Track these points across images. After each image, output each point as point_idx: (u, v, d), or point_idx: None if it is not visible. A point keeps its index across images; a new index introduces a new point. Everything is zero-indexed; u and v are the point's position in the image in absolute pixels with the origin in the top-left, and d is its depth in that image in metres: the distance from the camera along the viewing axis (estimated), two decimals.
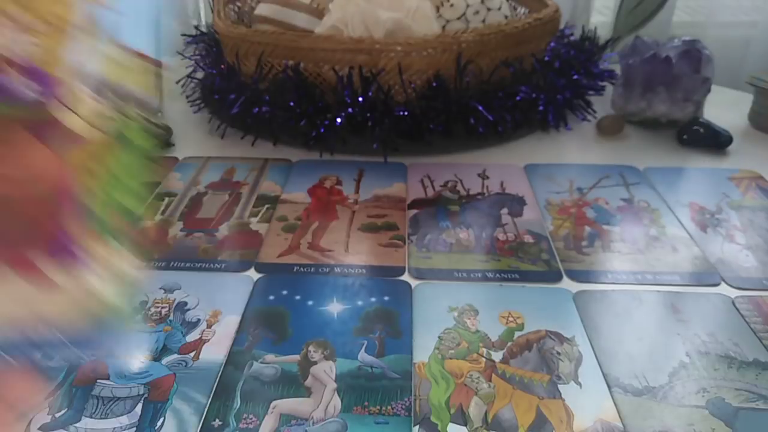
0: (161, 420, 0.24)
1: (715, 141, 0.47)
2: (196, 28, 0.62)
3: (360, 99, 0.44)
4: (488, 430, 0.24)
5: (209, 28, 0.61)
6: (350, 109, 0.44)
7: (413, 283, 0.32)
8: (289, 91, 0.45)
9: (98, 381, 0.26)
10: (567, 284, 0.32)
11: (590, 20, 0.81)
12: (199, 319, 0.29)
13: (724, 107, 0.53)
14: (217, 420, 0.24)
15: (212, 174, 0.44)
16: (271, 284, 0.32)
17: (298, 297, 0.31)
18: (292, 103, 0.45)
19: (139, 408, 0.24)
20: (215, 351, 0.27)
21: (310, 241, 0.36)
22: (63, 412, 0.24)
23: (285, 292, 0.31)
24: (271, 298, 0.31)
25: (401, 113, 0.44)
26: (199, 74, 0.55)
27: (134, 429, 0.24)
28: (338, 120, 0.44)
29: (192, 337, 0.28)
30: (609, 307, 0.30)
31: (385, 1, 0.45)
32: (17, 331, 0.13)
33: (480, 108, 0.45)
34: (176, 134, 0.50)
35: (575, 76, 0.52)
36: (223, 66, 0.51)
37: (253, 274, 0.33)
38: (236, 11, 0.59)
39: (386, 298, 0.31)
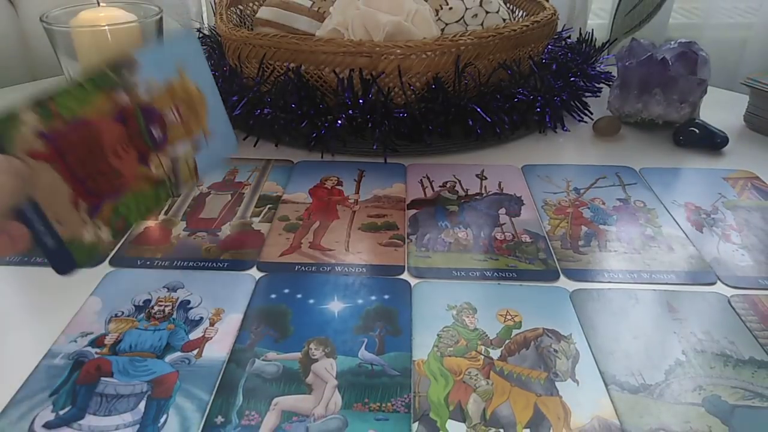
0: (164, 417, 0.24)
1: (710, 142, 0.48)
2: (199, 30, 0.62)
3: (360, 101, 0.44)
4: (486, 427, 0.24)
5: (211, 30, 0.61)
6: (351, 111, 0.44)
7: (413, 281, 0.32)
8: (291, 93, 0.45)
9: (102, 378, 0.26)
10: (564, 283, 0.32)
11: (587, 23, 0.82)
12: (201, 318, 0.30)
13: (720, 108, 0.54)
14: (219, 417, 0.24)
15: (215, 174, 0.44)
16: (272, 283, 0.32)
17: (299, 295, 0.31)
18: (293, 105, 0.45)
19: (142, 405, 0.25)
20: (218, 349, 0.28)
21: (311, 240, 0.36)
22: (67, 409, 0.25)
23: (286, 291, 0.31)
24: (273, 296, 0.31)
25: (401, 115, 0.45)
26: None
27: (137, 426, 0.24)
28: (339, 122, 0.45)
29: (195, 335, 0.29)
30: (605, 305, 0.31)
31: (384, 5, 0.46)
32: (42, 214, 0.24)
33: (478, 110, 0.46)
34: None
35: (572, 78, 0.53)
36: (225, 68, 0.51)
37: (255, 273, 0.33)
38: (238, 14, 0.60)
39: (386, 296, 0.31)
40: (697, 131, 0.48)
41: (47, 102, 0.23)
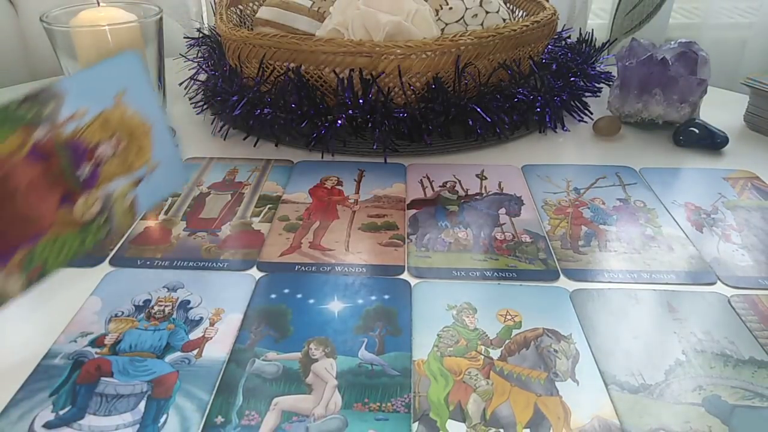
0: (164, 417, 0.24)
1: (710, 142, 0.48)
2: (199, 30, 0.63)
3: (360, 101, 0.44)
4: (486, 427, 0.24)
5: (211, 30, 0.61)
6: (351, 111, 0.44)
7: (413, 281, 0.32)
8: (291, 93, 0.45)
9: (102, 378, 0.26)
10: (564, 283, 0.32)
11: (587, 23, 0.82)
12: (201, 318, 0.30)
13: (720, 108, 0.54)
14: (219, 417, 0.24)
15: (215, 174, 0.44)
16: (272, 283, 0.32)
17: (299, 295, 0.31)
18: (293, 105, 0.45)
19: (142, 405, 0.25)
20: (218, 349, 0.28)
21: (311, 240, 0.36)
22: (67, 409, 0.25)
23: (286, 291, 0.31)
24: (273, 296, 0.31)
25: (401, 115, 0.45)
26: (202, 76, 0.55)
27: (137, 426, 0.24)
28: (339, 121, 0.45)
29: (195, 335, 0.29)
30: (605, 305, 0.31)
31: (385, 5, 0.46)
32: None
33: (478, 110, 0.46)
34: (179, 135, 0.50)
35: (572, 78, 0.53)
36: (225, 68, 0.51)
37: (255, 273, 0.33)
38: (238, 14, 0.60)
39: (386, 296, 0.31)
40: (697, 131, 0.48)
41: None
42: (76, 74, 0.26)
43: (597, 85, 0.55)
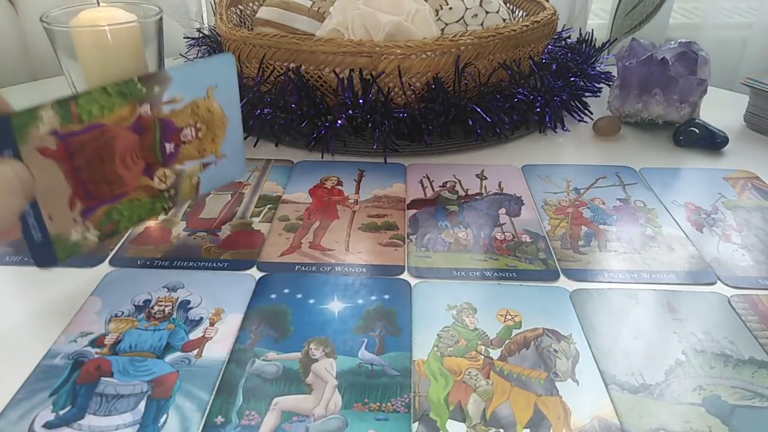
0: (164, 417, 0.24)
1: (710, 142, 0.48)
2: (199, 30, 0.63)
3: (360, 101, 0.44)
4: (486, 427, 0.24)
5: (211, 30, 0.61)
6: (351, 111, 0.44)
7: (413, 281, 0.32)
8: (291, 93, 0.45)
9: (102, 378, 0.26)
10: (564, 283, 0.32)
11: (587, 23, 0.82)
12: (201, 318, 0.30)
13: (720, 108, 0.54)
14: (219, 417, 0.24)
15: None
16: (272, 283, 0.32)
17: (299, 295, 0.31)
18: (293, 105, 0.45)
19: (142, 405, 0.25)
20: (218, 349, 0.28)
21: (311, 240, 0.36)
22: (67, 409, 0.25)
23: (287, 291, 0.31)
24: (273, 296, 0.31)
25: (401, 115, 0.45)
26: None
27: (137, 426, 0.24)
28: (339, 122, 0.45)
29: (195, 335, 0.29)
30: (605, 305, 0.31)
31: (385, 5, 0.46)
32: (38, 209, 0.25)
33: (478, 110, 0.46)
34: None
35: (572, 78, 0.53)
36: None
37: (255, 273, 0.33)
38: (238, 14, 0.60)
39: (386, 296, 0.31)
40: (697, 131, 0.48)
41: (69, 103, 0.24)
42: (183, 66, 0.29)
43: (597, 85, 0.55)
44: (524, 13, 0.59)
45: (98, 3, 0.48)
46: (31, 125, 0.23)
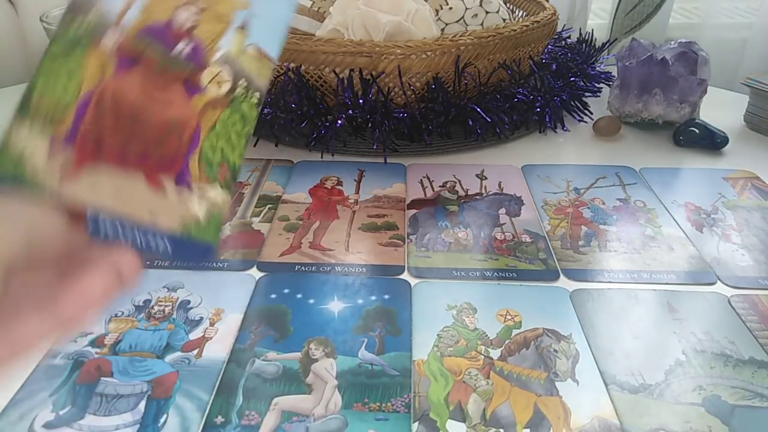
0: (164, 417, 0.24)
1: (710, 142, 0.48)
2: None
3: (360, 101, 0.44)
4: (486, 427, 0.24)
5: None
6: (351, 111, 0.44)
7: (413, 281, 0.32)
8: (291, 93, 0.45)
9: (102, 378, 0.26)
10: (564, 283, 0.32)
11: (587, 23, 0.82)
12: (201, 318, 0.30)
13: (720, 108, 0.54)
14: (219, 417, 0.24)
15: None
16: (272, 283, 0.32)
17: (299, 295, 0.31)
18: (293, 105, 0.45)
19: (142, 405, 0.25)
20: (218, 349, 0.28)
21: (311, 240, 0.36)
22: (67, 409, 0.25)
23: (286, 291, 0.31)
24: (273, 296, 0.31)
25: (401, 115, 0.45)
26: None
27: (137, 426, 0.24)
28: (339, 122, 0.45)
29: (195, 335, 0.29)
30: (605, 305, 0.31)
31: (385, 5, 0.46)
32: (133, 221, 0.19)
33: (478, 110, 0.46)
34: None
35: (572, 78, 0.53)
36: None
37: (255, 273, 0.33)
38: None
39: (386, 296, 0.31)
40: (697, 131, 0.48)
41: (29, 103, 0.18)
42: None
43: (597, 85, 0.55)
44: (524, 13, 0.59)
45: None
46: (17, 163, 0.17)
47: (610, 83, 0.55)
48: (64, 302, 0.16)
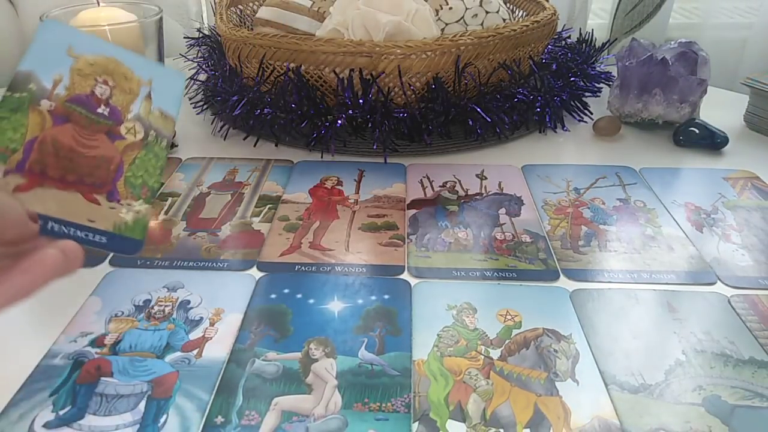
0: (164, 417, 0.24)
1: (710, 142, 0.48)
2: (199, 30, 0.63)
3: (360, 101, 0.44)
4: (486, 427, 0.24)
5: (212, 30, 0.61)
6: (351, 111, 0.44)
7: (413, 281, 0.32)
8: (291, 93, 0.45)
9: (102, 378, 0.26)
10: (564, 283, 0.32)
11: (587, 23, 0.82)
12: (201, 318, 0.30)
13: (720, 108, 0.54)
14: (219, 417, 0.24)
15: (215, 174, 0.44)
16: (272, 283, 0.32)
17: (299, 295, 0.31)
18: (293, 105, 0.45)
19: (142, 405, 0.25)
20: (218, 349, 0.28)
21: (311, 240, 0.36)
22: (67, 409, 0.25)
23: (286, 291, 0.31)
24: (273, 296, 0.31)
25: (401, 115, 0.45)
26: (202, 76, 0.55)
27: (137, 426, 0.24)
28: (339, 122, 0.45)
29: (195, 335, 0.29)
30: (605, 305, 0.31)
31: (384, 5, 0.46)
32: (75, 223, 0.25)
33: (478, 110, 0.46)
34: (179, 135, 0.50)
35: (572, 78, 0.53)
36: (225, 68, 0.51)
37: (255, 273, 0.33)
38: (238, 14, 0.60)
39: (386, 296, 0.31)
40: (697, 131, 0.48)
41: None
42: (28, 52, 0.29)
43: (597, 85, 0.55)
44: (524, 13, 0.59)
45: (98, 3, 0.48)
46: None
47: (610, 83, 0.55)
48: (18, 273, 0.20)
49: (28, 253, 0.21)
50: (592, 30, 0.61)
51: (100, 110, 0.28)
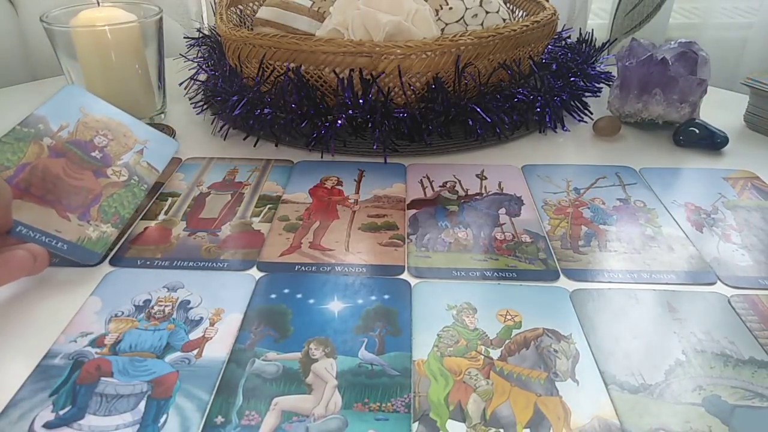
0: (164, 417, 0.24)
1: (710, 142, 0.48)
2: (199, 30, 0.63)
3: (360, 101, 0.44)
4: (486, 427, 0.24)
5: (212, 30, 0.61)
6: (351, 111, 0.44)
7: (413, 281, 0.32)
8: (291, 93, 0.45)
9: (102, 378, 0.26)
10: (564, 283, 0.32)
11: (587, 23, 0.82)
12: (201, 318, 0.30)
13: (720, 108, 0.54)
14: (219, 417, 0.24)
15: (215, 174, 0.44)
16: (272, 283, 0.32)
17: (299, 295, 0.31)
18: (293, 105, 0.45)
19: (142, 405, 0.25)
20: (218, 349, 0.28)
21: (311, 240, 0.36)
22: (67, 409, 0.25)
23: (286, 291, 0.31)
24: (273, 296, 0.31)
25: (401, 115, 0.45)
26: (202, 76, 0.55)
27: (137, 426, 0.24)
28: (339, 122, 0.45)
29: (195, 335, 0.29)
30: (605, 305, 0.31)
31: (384, 5, 0.46)
32: (41, 230, 0.30)
33: (478, 110, 0.46)
34: (179, 135, 0.50)
35: (572, 78, 0.53)
36: (225, 68, 0.51)
37: (255, 273, 0.33)
38: (238, 14, 0.60)
39: (386, 296, 0.31)
40: (697, 131, 0.48)
41: None
42: (46, 103, 0.35)
43: (597, 85, 0.55)
44: (524, 13, 0.59)
45: (98, 3, 0.48)
46: None
47: (610, 83, 0.55)
48: None
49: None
50: (592, 30, 0.61)
51: (94, 154, 0.33)
